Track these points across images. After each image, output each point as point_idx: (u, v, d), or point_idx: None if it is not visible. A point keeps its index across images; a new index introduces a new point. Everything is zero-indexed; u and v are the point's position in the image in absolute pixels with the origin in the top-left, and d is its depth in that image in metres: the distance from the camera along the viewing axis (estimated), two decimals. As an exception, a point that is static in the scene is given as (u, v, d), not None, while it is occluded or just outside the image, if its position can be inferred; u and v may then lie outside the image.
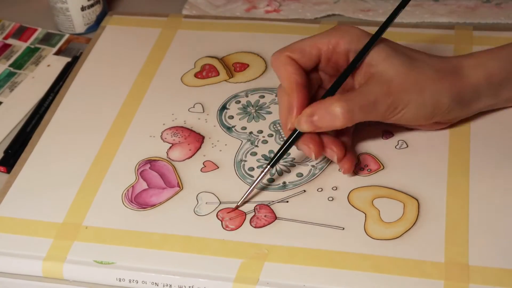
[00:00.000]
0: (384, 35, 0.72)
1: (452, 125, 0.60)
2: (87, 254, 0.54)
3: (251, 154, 0.60)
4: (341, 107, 0.53)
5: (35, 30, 0.79)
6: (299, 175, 0.58)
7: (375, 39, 0.56)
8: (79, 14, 0.76)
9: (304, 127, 0.54)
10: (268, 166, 0.56)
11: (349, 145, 0.58)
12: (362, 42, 0.56)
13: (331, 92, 0.56)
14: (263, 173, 0.56)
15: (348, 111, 0.53)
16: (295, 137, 0.55)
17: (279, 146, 0.59)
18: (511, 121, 0.61)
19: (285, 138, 0.57)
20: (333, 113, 0.53)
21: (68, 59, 0.74)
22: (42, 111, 0.68)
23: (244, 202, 0.56)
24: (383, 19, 0.75)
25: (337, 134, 0.57)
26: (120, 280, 0.53)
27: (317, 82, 0.59)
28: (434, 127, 0.59)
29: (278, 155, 0.56)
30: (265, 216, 0.55)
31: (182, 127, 0.63)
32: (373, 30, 0.72)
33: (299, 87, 0.55)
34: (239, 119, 0.64)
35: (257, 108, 0.65)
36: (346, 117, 0.53)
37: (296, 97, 0.55)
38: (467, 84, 0.56)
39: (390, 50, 0.56)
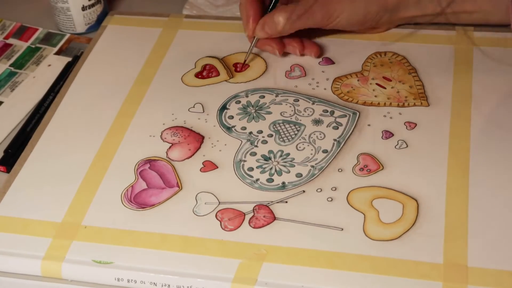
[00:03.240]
0: (384, 35, 0.73)
1: (452, 125, 0.60)
2: (86, 254, 0.54)
3: (250, 154, 0.60)
4: (282, 17, 0.66)
5: (36, 30, 0.79)
6: (299, 175, 0.58)
7: None
8: (80, 14, 0.76)
9: (259, 34, 0.67)
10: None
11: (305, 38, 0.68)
12: None
13: (273, 5, 0.68)
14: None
15: (288, 18, 0.65)
16: (255, 41, 0.68)
17: (279, 146, 0.59)
18: (511, 121, 0.61)
19: (285, 140, 0.58)
20: (277, 22, 0.66)
21: (69, 59, 0.74)
22: (42, 110, 0.68)
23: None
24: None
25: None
26: (118, 279, 0.53)
27: None
28: (371, 31, 0.69)
29: (248, 52, 0.68)
30: (264, 216, 0.55)
31: (182, 127, 0.63)
32: (373, 30, 0.72)
33: (252, 2, 0.67)
34: (239, 119, 0.64)
35: (257, 108, 0.65)
36: (287, 24, 0.66)
37: (251, 10, 0.67)
38: None
39: None
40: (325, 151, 0.60)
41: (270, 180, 0.58)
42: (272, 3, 0.68)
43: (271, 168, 0.59)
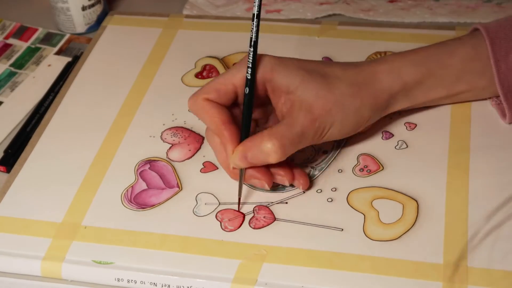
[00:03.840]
0: (384, 35, 0.72)
1: (452, 126, 0.60)
2: (86, 254, 0.54)
3: (250, 155, 0.60)
4: (272, 144, 0.53)
5: (36, 30, 0.79)
6: (299, 175, 0.58)
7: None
8: (79, 14, 0.76)
9: (239, 164, 0.54)
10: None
11: (291, 163, 0.57)
12: (275, 69, 0.55)
13: (245, 131, 0.55)
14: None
15: (280, 147, 0.53)
16: (242, 173, 0.55)
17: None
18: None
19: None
20: (265, 150, 0.53)
21: (69, 59, 0.74)
22: (42, 111, 0.68)
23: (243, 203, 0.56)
24: (383, 18, 0.76)
25: None
26: (118, 280, 0.53)
27: (240, 115, 0.56)
28: (356, 132, 0.59)
29: (239, 188, 0.56)
30: (264, 217, 0.55)
31: (182, 127, 0.63)
32: (374, 30, 0.72)
33: (226, 125, 0.54)
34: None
35: (257, 108, 0.65)
36: (278, 153, 0.53)
37: (227, 136, 0.54)
38: (382, 92, 0.57)
39: (304, 72, 0.55)
40: (325, 152, 0.60)
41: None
42: (244, 117, 0.55)
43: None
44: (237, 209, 0.56)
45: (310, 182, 0.57)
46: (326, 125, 0.55)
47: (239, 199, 0.56)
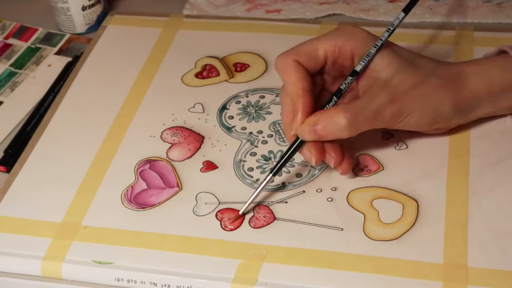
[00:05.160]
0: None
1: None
2: (86, 254, 0.54)
3: (250, 155, 0.60)
4: (346, 118, 0.53)
5: (36, 30, 0.79)
6: (299, 175, 0.58)
7: (379, 46, 0.55)
8: (80, 14, 0.76)
9: (307, 136, 0.54)
10: (270, 175, 0.55)
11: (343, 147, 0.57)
12: (368, 45, 0.56)
13: (334, 100, 0.55)
14: (266, 181, 0.55)
15: (353, 123, 0.53)
16: (298, 144, 0.55)
17: (279, 147, 0.59)
18: (511, 122, 0.61)
19: (286, 140, 0.56)
20: (337, 124, 0.53)
21: (69, 59, 0.74)
22: (42, 111, 0.68)
23: (248, 208, 0.56)
24: (383, 18, 0.76)
25: None
26: (118, 280, 0.53)
27: (320, 83, 0.58)
28: (433, 132, 0.59)
29: (281, 162, 0.55)
30: (264, 216, 0.55)
31: (182, 127, 0.63)
32: (373, 30, 0.72)
33: (305, 93, 0.54)
34: (239, 119, 0.64)
35: (257, 108, 0.65)
36: (351, 128, 0.53)
37: (302, 103, 0.54)
38: (468, 92, 0.56)
39: (394, 55, 0.56)
40: (325, 151, 0.60)
41: (270, 180, 0.58)
42: (334, 94, 0.55)
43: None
44: (238, 211, 0.56)
45: (310, 182, 0.57)
46: (405, 110, 0.54)
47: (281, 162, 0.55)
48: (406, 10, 0.57)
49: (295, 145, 0.55)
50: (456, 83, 0.56)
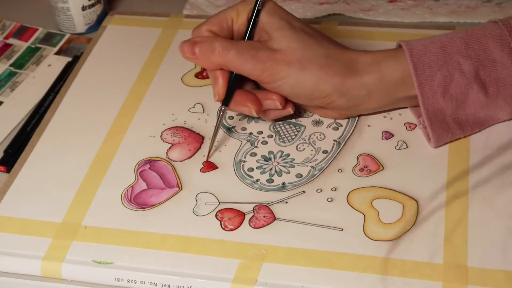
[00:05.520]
0: (384, 35, 0.72)
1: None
2: (86, 254, 0.54)
3: (250, 155, 0.60)
4: (220, 44, 0.57)
5: (36, 30, 0.79)
6: (299, 176, 0.58)
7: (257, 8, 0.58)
8: (80, 14, 0.76)
9: (185, 49, 0.58)
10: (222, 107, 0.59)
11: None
12: (271, 13, 0.58)
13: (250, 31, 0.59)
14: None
15: (224, 49, 0.57)
16: (224, 108, 0.59)
17: (279, 147, 0.60)
18: (511, 122, 0.61)
19: (286, 141, 0.59)
20: (212, 46, 0.57)
21: (69, 59, 0.74)
22: (42, 110, 0.68)
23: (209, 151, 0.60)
24: (383, 18, 0.76)
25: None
26: (118, 280, 0.53)
27: None
28: (328, 115, 0.61)
29: (215, 131, 0.60)
30: (264, 216, 0.55)
31: (182, 127, 0.63)
32: (374, 30, 0.72)
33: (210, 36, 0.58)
34: (239, 120, 0.64)
35: (257, 108, 0.65)
36: (221, 53, 0.57)
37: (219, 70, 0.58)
38: (357, 81, 0.58)
39: (286, 23, 0.58)
40: (325, 152, 0.60)
41: (270, 180, 0.58)
42: (249, 28, 0.59)
43: (271, 169, 0.59)
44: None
45: (310, 182, 0.57)
46: (279, 72, 0.57)
47: (212, 143, 0.60)
48: None
49: (221, 109, 0.59)
50: (344, 67, 0.58)
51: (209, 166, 0.60)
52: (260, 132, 0.62)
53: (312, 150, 0.60)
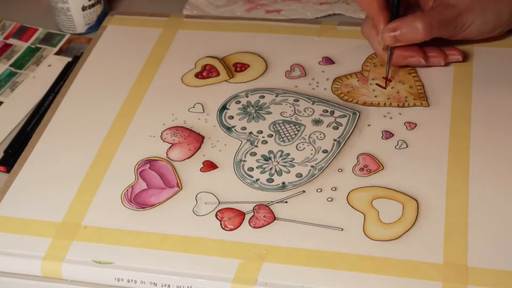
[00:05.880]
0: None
1: (452, 126, 0.60)
2: (86, 254, 0.54)
3: (250, 154, 0.60)
4: (422, 22, 0.62)
5: (36, 30, 0.79)
6: (299, 175, 0.58)
7: None
8: (80, 14, 0.76)
9: (387, 40, 0.63)
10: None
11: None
12: None
13: (395, 12, 0.64)
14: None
15: (428, 26, 0.62)
16: (390, 54, 0.64)
17: (279, 147, 0.59)
18: (510, 121, 0.61)
19: (285, 140, 0.59)
20: (415, 27, 0.62)
21: (69, 59, 0.74)
22: (42, 111, 0.68)
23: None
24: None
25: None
26: (118, 280, 0.53)
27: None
28: (497, 34, 0.67)
29: (387, 67, 0.65)
30: (264, 216, 0.55)
31: (182, 127, 0.63)
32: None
33: (382, 10, 0.63)
34: (239, 119, 0.64)
35: (257, 108, 0.65)
36: (427, 31, 0.62)
37: (382, 19, 0.63)
38: None
39: None
40: (325, 151, 0.60)
41: (270, 180, 0.58)
42: (395, 3, 0.64)
43: (271, 168, 0.59)
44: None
45: (310, 182, 0.57)
46: (466, 22, 0.63)
47: (386, 77, 0.65)
48: None
49: (389, 57, 0.64)
50: None
51: (209, 166, 0.60)
52: (260, 132, 0.62)
53: (312, 150, 0.60)
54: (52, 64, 0.74)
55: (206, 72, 0.69)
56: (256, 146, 0.61)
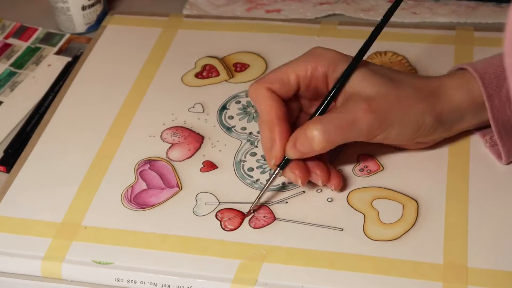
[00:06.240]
0: (384, 35, 0.72)
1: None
2: (85, 254, 0.54)
3: (250, 155, 0.60)
4: (316, 129, 0.53)
5: (36, 29, 0.79)
6: (299, 175, 0.58)
7: (354, 64, 0.54)
8: (79, 14, 0.76)
9: (290, 154, 0.54)
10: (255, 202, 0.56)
11: (331, 164, 0.57)
12: (340, 65, 0.55)
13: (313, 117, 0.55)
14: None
15: (324, 132, 0.52)
16: (283, 166, 0.55)
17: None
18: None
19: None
20: (310, 136, 0.53)
21: (69, 59, 0.74)
22: (42, 110, 0.68)
23: (254, 209, 0.56)
24: (383, 19, 0.76)
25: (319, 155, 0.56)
26: (118, 280, 0.53)
27: (298, 108, 0.57)
28: (417, 147, 0.58)
29: (262, 190, 0.55)
30: (264, 216, 0.55)
31: (182, 127, 0.63)
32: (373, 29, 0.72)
33: (280, 121, 0.54)
34: (239, 119, 0.64)
35: (257, 108, 0.65)
36: (323, 139, 0.53)
37: (278, 131, 0.54)
38: (450, 105, 0.55)
39: (368, 71, 0.55)
40: (325, 151, 0.60)
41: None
42: (314, 112, 0.55)
43: (271, 169, 0.59)
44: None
45: (310, 182, 0.57)
46: (385, 121, 0.53)
47: (258, 198, 0.55)
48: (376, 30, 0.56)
49: (276, 172, 0.55)
50: (435, 96, 0.55)
51: (209, 166, 0.60)
52: (260, 132, 0.62)
53: (312, 150, 0.60)
54: (52, 64, 0.74)
55: (206, 72, 0.69)
56: (256, 146, 0.61)
